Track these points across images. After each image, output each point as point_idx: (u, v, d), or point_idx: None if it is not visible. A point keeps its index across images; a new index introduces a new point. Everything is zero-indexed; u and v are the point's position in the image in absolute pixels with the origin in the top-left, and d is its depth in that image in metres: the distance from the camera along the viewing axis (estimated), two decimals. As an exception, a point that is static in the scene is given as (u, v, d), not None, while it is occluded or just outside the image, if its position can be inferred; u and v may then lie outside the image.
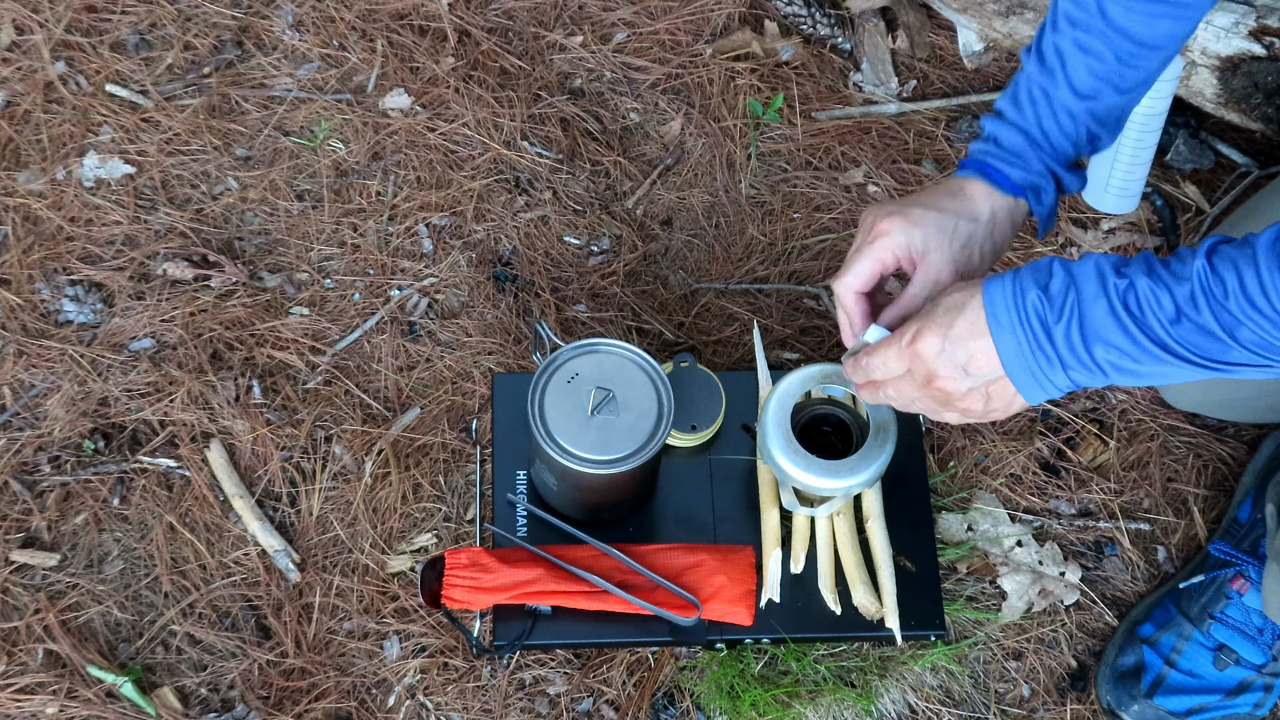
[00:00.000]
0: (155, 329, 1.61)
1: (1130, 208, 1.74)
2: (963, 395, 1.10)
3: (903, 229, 1.21)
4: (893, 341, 1.12)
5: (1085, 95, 1.22)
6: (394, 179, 1.73)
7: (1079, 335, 1.02)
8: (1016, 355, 1.05)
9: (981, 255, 1.23)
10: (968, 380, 1.09)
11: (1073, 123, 1.24)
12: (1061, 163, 1.25)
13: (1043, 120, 1.24)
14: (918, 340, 1.09)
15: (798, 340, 1.64)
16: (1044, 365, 1.05)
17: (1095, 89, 1.22)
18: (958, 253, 1.22)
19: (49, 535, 1.50)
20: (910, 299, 1.21)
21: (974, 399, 1.11)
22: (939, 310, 1.09)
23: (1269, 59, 1.66)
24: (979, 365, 1.07)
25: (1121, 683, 1.46)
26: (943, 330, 1.07)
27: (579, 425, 1.35)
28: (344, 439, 1.56)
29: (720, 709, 1.43)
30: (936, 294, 1.17)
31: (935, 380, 1.10)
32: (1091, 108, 1.23)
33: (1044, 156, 1.24)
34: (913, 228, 1.21)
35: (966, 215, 1.22)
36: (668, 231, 1.72)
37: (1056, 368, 1.04)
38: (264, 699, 1.43)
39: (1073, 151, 1.25)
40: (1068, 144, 1.24)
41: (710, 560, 1.43)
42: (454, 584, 1.40)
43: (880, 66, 1.85)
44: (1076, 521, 1.56)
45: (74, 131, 1.73)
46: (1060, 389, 1.07)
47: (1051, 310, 1.03)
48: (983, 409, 1.11)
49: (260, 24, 1.82)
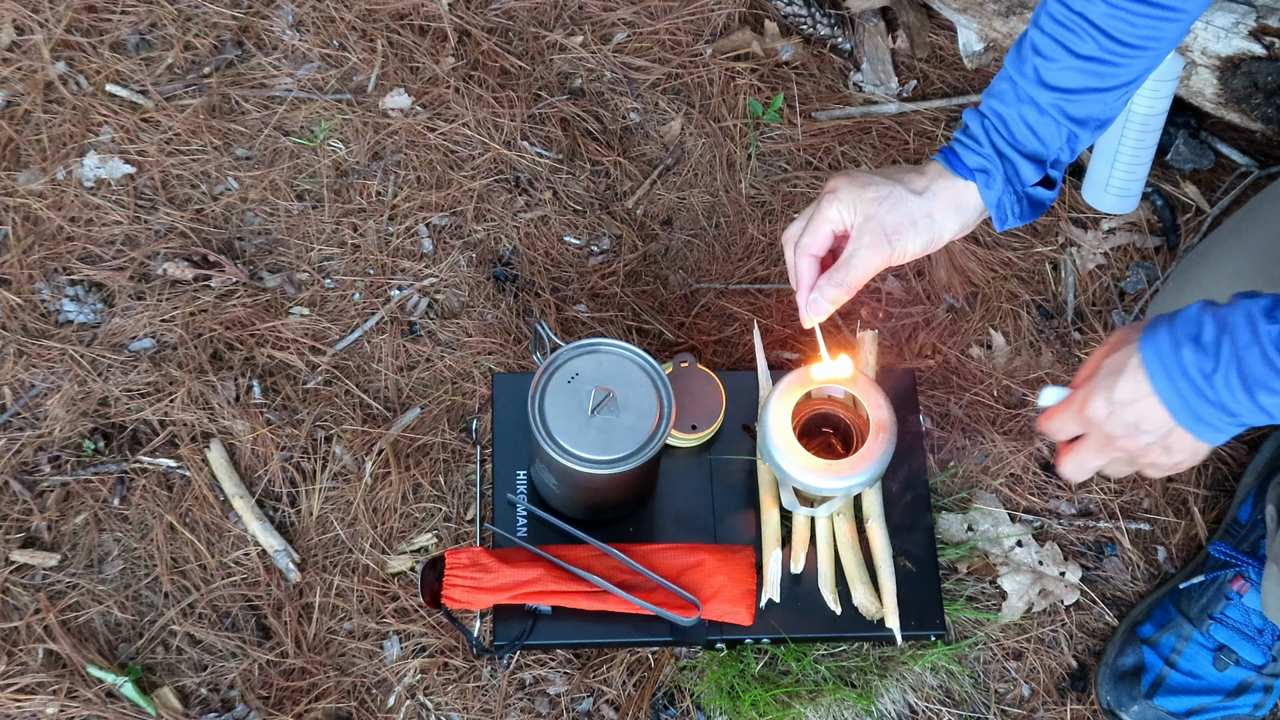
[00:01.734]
0: (155, 329, 1.61)
1: (1130, 208, 1.74)
2: (1143, 451, 1.11)
3: (847, 188, 1.26)
4: (1064, 408, 1.13)
5: (1056, 88, 1.23)
6: (394, 179, 1.73)
7: (1239, 383, 1.02)
8: (1184, 409, 1.05)
9: (915, 229, 1.26)
10: (1144, 437, 1.09)
11: (1038, 112, 1.24)
12: (1021, 151, 1.25)
13: (1005, 106, 1.25)
14: (1085, 406, 1.10)
15: (798, 340, 1.64)
16: (1213, 414, 1.05)
17: (1070, 83, 1.23)
18: (893, 221, 1.25)
19: (49, 535, 1.50)
20: (845, 260, 1.27)
21: (1155, 453, 1.11)
22: (1101, 375, 1.09)
23: (1269, 59, 1.66)
24: (1151, 422, 1.08)
25: (1121, 683, 1.46)
26: (1107, 394, 1.08)
27: (579, 425, 1.35)
28: (344, 439, 1.56)
29: (720, 709, 1.43)
30: (871, 258, 1.25)
31: (1115, 441, 1.11)
32: (1063, 101, 1.23)
33: (996, 139, 1.25)
34: (857, 189, 1.25)
35: (911, 187, 1.26)
36: (668, 231, 1.72)
37: (1225, 414, 1.05)
38: (264, 699, 1.43)
39: (1038, 145, 1.26)
40: (1029, 133, 1.25)
41: (710, 560, 1.43)
42: (454, 584, 1.40)
43: (880, 66, 1.85)
44: (1076, 521, 1.56)
45: (74, 131, 1.73)
46: (1239, 427, 1.07)
47: (1208, 359, 1.03)
48: (1168, 461, 1.12)
49: (260, 24, 1.82)
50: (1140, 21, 1.19)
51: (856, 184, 1.26)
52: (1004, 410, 1.61)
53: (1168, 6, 1.19)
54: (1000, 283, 1.70)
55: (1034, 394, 1.62)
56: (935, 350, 1.65)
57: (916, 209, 1.26)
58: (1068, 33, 1.21)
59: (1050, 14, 1.22)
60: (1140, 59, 1.22)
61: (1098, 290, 1.70)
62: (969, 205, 1.27)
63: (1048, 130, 1.25)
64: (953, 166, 1.26)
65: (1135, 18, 1.19)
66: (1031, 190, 1.27)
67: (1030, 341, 1.66)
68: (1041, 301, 1.69)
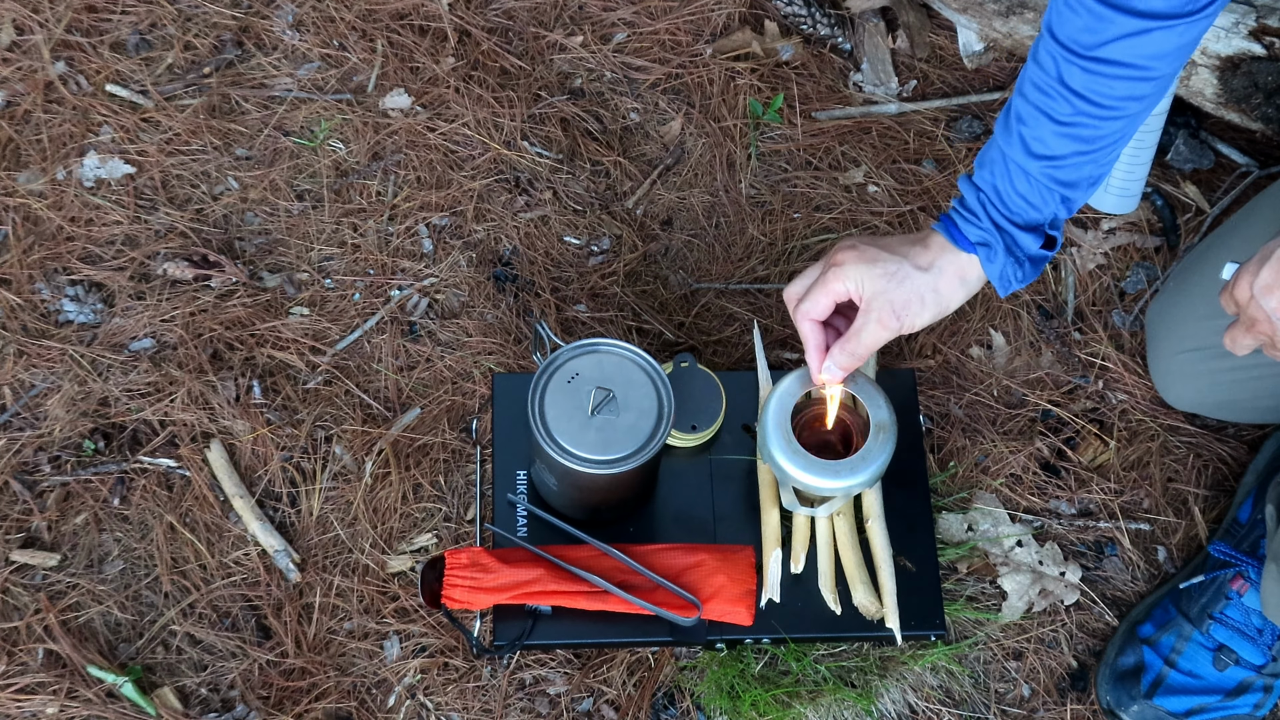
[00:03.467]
0: (155, 329, 1.61)
1: (1130, 208, 1.74)
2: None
3: (855, 264, 1.29)
4: (1224, 289, 1.19)
5: (1041, 156, 1.23)
6: (394, 179, 1.73)
7: None
8: None
9: (923, 304, 1.29)
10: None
11: (1028, 182, 1.25)
12: (1018, 224, 1.27)
13: (996, 179, 1.26)
14: (1234, 288, 1.17)
15: (798, 340, 1.64)
16: None
17: (1056, 149, 1.23)
18: (901, 297, 1.28)
19: (49, 535, 1.50)
20: (854, 332, 1.31)
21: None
22: (1254, 259, 1.15)
23: (1269, 59, 1.66)
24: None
25: (1121, 683, 1.46)
26: (1250, 279, 1.15)
27: (579, 425, 1.35)
28: (344, 439, 1.56)
29: (720, 709, 1.43)
30: (880, 332, 1.29)
31: (1256, 325, 1.17)
32: (1052, 169, 1.24)
33: (994, 213, 1.27)
34: (866, 265, 1.28)
35: (916, 263, 1.28)
36: (668, 231, 1.72)
37: None
38: (264, 699, 1.43)
39: (1035, 213, 1.27)
40: (1023, 203, 1.26)
41: (710, 560, 1.43)
42: (454, 584, 1.40)
43: (880, 66, 1.85)
44: (1076, 521, 1.56)
45: (74, 131, 1.73)
46: None
47: None
48: None
49: (260, 24, 1.82)
50: (1118, 84, 1.20)
51: (864, 259, 1.29)
52: (1004, 410, 1.61)
53: (1142, 68, 1.19)
54: (1000, 283, 1.70)
55: (1034, 394, 1.62)
56: (935, 350, 1.65)
57: (924, 285, 1.29)
58: (1048, 99, 1.22)
59: (1032, 81, 1.23)
60: (1120, 119, 1.23)
61: (1098, 290, 1.70)
62: (972, 277, 1.30)
63: (1041, 198, 1.26)
64: (954, 240, 1.28)
65: (1112, 80, 1.19)
66: (1034, 253, 1.29)
67: (1030, 341, 1.66)
68: (1041, 301, 1.69)
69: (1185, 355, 1.52)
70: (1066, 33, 1.19)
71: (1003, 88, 1.84)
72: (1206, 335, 1.49)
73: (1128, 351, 1.65)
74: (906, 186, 1.76)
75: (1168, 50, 1.18)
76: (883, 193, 1.75)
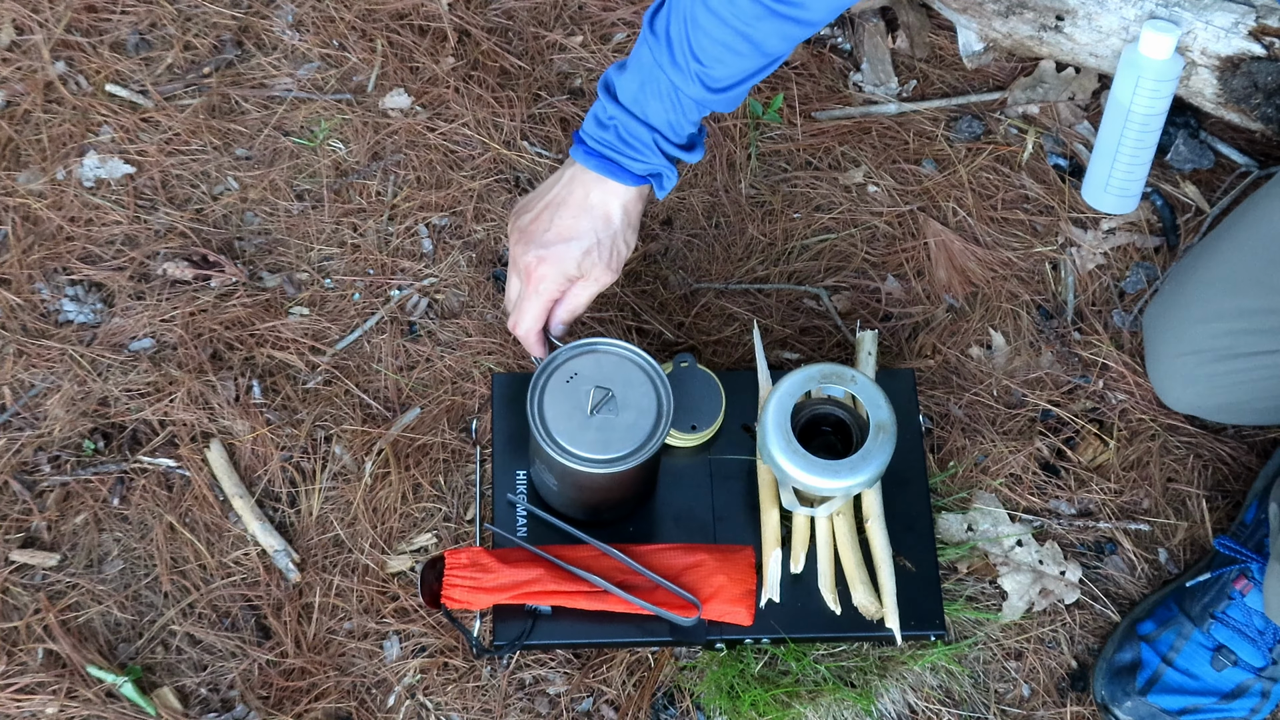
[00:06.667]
0: (155, 329, 1.61)
1: (1130, 208, 1.74)
2: None
3: (555, 271, 1.39)
4: None
5: (722, 88, 1.32)
6: (394, 179, 1.73)
7: None
8: None
9: (627, 243, 1.41)
10: None
11: (699, 109, 1.34)
12: (683, 144, 1.37)
13: (669, 113, 1.34)
14: None
15: (798, 340, 1.64)
16: None
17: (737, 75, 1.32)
18: (608, 257, 1.39)
19: (49, 535, 1.50)
20: (575, 300, 1.42)
21: None
22: None
23: (1269, 59, 1.66)
24: None
25: (1117, 679, 1.45)
26: None
27: (578, 425, 1.35)
28: (344, 439, 1.56)
29: (720, 709, 1.43)
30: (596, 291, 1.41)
31: None
32: (725, 93, 1.33)
33: (666, 146, 1.35)
34: (565, 264, 1.38)
35: (603, 227, 1.39)
36: (668, 231, 1.72)
37: None
38: (264, 699, 1.43)
39: (692, 129, 1.36)
40: (690, 128, 1.36)
41: (710, 560, 1.43)
42: (454, 584, 1.40)
43: (880, 66, 1.85)
44: (1076, 521, 1.56)
45: (74, 131, 1.73)
46: None
47: None
48: None
49: (260, 24, 1.82)
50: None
51: (559, 262, 1.40)
52: (1004, 410, 1.61)
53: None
54: (1000, 283, 1.70)
55: (1034, 394, 1.62)
56: (935, 350, 1.65)
57: (620, 229, 1.42)
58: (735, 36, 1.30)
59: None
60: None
61: (1098, 290, 1.70)
62: (632, 197, 1.40)
63: (698, 113, 1.36)
64: (619, 178, 1.38)
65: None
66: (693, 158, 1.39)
67: (1030, 341, 1.66)
68: (1041, 301, 1.69)
69: (1184, 358, 1.51)
70: None
71: (1003, 88, 1.84)
72: (1205, 338, 1.49)
73: (1128, 351, 1.65)
74: (906, 186, 1.76)
75: None
76: (882, 193, 1.75)
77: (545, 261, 1.39)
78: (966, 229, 1.73)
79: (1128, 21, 1.71)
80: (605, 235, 1.38)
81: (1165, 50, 1.61)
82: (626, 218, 1.39)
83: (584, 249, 1.38)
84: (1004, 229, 1.73)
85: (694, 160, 1.38)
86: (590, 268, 1.39)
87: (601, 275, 1.40)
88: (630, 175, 1.36)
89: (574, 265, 1.39)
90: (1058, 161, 1.78)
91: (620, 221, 1.39)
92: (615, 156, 1.35)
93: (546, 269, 1.39)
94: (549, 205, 1.40)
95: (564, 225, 1.38)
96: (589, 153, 1.36)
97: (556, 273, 1.39)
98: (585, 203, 1.38)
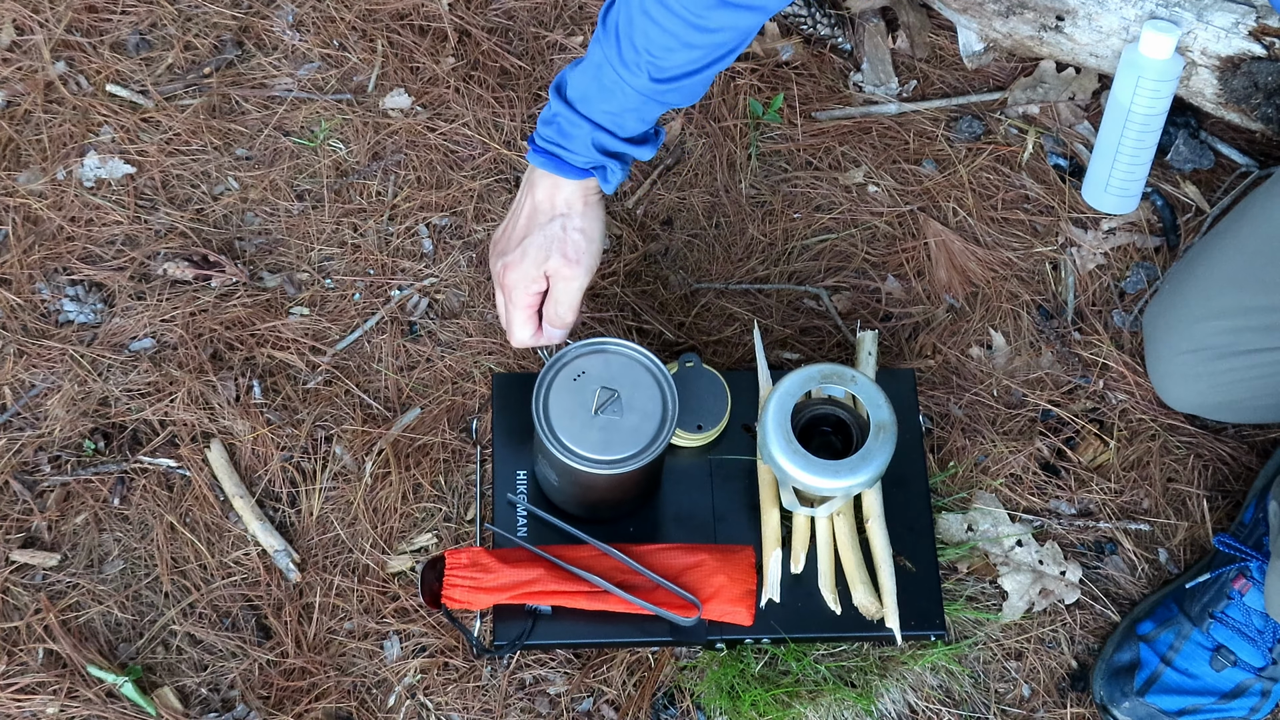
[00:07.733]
0: (155, 329, 1.61)
1: (1130, 208, 1.74)
2: None
3: (519, 275, 1.41)
4: None
5: (666, 79, 1.31)
6: (394, 179, 1.73)
7: None
8: None
9: (584, 233, 1.41)
10: None
11: (656, 106, 1.35)
12: (631, 138, 1.38)
13: (615, 109, 1.34)
14: None
15: (798, 340, 1.64)
16: None
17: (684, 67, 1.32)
18: (564, 250, 1.40)
19: (49, 535, 1.50)
20: (558, 301, 1.43)
21: None
22: None
23: (1269, 59, 1.66)
24: None
25: (1115, 679, 1.45)
26: None
27: (582, 424, 1.35)
28: (344, 439, 1.56)
29: (720, 709, 1.43)
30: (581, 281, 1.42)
31: None
32: (670, 85, 1.33)
33: (607, 141, 1.36)
34: (525, 266, 1.41)
35: (552, 221, 1.40)
36: (668, 231, 1.72)
37: None
38: (264, 699, 1.43)
39: (644, 126, 1.38)
40: (639, 123, 1.37)
41: (710, 560, 1.43)
42: (454, 584, 1.40)
43: (880, 66, 1.85)
44: (1077, 521, 1.56)
45: (74, 131, 1.73)
46: None
47: None
48: None
49: (260, 24, 1.82)
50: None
51: (528, 267, 1.42)
52: (1004, 410, 1.61)
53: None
54: (1000, 283, 1.70)
55: (1034, 394, 1.62)
56: (935, 350, 1.65)
57: (577, 221, 1.42)
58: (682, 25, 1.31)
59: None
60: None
61: (1098, 290, 1.70)
62: (592, 189, 1.43)
63: (653, 112, 1.37)
64: (563, 172, 1.41)
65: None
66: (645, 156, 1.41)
67: (1030, 341, 1.66)
68: (1041, 301, 1.69)
69: (1184, 357, 1.52)
70: None
71: (1003, 88, 1.84)
72: (1205, 336, 1.49)
73: (1128, 351, 1.65)
74: (906, 186, 1.76)
75: None
76: (883, 193, 1.75)
77: (509, 268, 1.42)
78: (967, 229, 1.73)
79: (1128, 21, 1.71)
80: (556, 229, 1.40)
81: (1165, 50, 1.61)
82: (575, 208, 1.40)
83: (538, 247, 1.40)
84: (1004, 229, 1.73)
85: (645, 157, 1.39)
86: (553, 265, 1.40)
87: (565, 269, 1.40)
88: (572, 169, 1.38)
89: (534, 265, 1.40)
90: (1058, 161, 1.78)
91: (569, 212, 1.40)
92: (558, 151, 1.38)
93: (512, 275, 1.42)
94: (511, 214, 1.45)
95: (518, 229, 1.42)
96: (536, 150, 1.40)
97: (520, 276, 1.41)
98: (534, 201, 1.41)
